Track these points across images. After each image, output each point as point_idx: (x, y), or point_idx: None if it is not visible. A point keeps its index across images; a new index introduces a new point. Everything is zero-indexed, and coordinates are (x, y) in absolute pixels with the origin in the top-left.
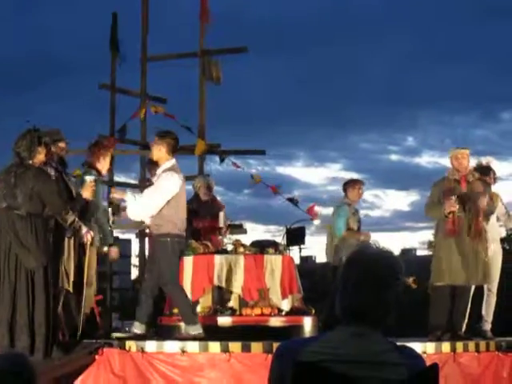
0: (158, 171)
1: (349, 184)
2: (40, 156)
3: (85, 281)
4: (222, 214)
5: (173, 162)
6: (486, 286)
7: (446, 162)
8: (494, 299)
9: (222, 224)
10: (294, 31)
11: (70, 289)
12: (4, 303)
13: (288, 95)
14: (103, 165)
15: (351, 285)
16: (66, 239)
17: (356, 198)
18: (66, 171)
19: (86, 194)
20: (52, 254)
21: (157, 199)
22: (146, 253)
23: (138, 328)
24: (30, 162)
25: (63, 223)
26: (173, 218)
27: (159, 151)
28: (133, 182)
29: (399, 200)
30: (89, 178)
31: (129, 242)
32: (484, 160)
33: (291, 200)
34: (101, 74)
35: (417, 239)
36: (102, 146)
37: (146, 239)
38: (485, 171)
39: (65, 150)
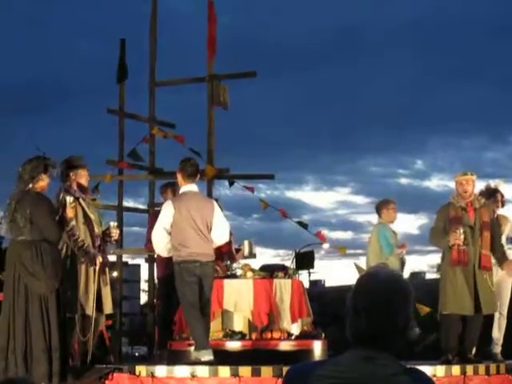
0: None
1: (382, 205)
2: (42, 183)
3: (93, 305)
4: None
5: (185, 188)
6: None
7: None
8: (504, 322)
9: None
10: (301, 56)
11: (92, 313)
12: (18, 333)
13: (297, 119)
14: (79, 183)
15: (361, 309)
16: (84, 265)
17: (391, 218)
18: (84, 197)
19: (69, 214)
20: (68, 279)
21: (154, 230)
22: (155, 277)
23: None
24: (31, 186)
25: (73, 247)
26: (175, 245)
27: (178, 178)
28: (141, 206)
29: (408, 223)
30: (68, 199)
31: (138, 266)
32: (493, 183)
33: (300, 223)
34: (109, 99)
35: (426, 262)
36: (68, 166)
37: (155, 264)
38: (492, 194)
39: (85, 176)
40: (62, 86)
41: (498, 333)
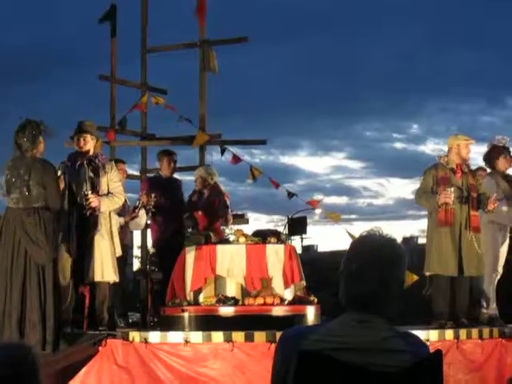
0: None
1: (493, 153)
2: (41, 146)
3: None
4: (223, 201)
5: None
6: (491, 268)
7: None
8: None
9: (220, 212)
10: (296, 19)
11: (109, 279)
12: (14, 298)
13: (291, 84)
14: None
15: (354, 272)
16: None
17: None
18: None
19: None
20: (77, 247)
21: None
22: (149, 244)
23: None
24: (35, 152)
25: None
26: None
27: None
28: (135, 173)
29: (403, 188)
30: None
31: (131, 233)
32: (502, 140)
33: (289, 193)
34: (100, 65)
35: (418, 227)
36: None
37: (148, 230)
38: (502, 151)
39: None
40: (52, 52)
41: (493, 292)
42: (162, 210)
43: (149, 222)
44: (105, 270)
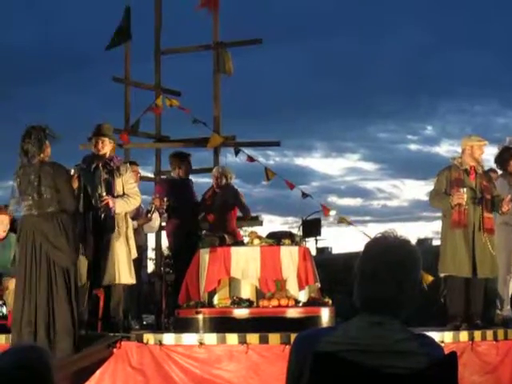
0: None
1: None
2: (48, 151)
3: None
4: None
5: None
6: (505, 270)
7: None
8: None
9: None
10: (311, 20)
11: (125, 281)
12: (40, 307)
13: (304, 85)
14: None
15: (369, 273)
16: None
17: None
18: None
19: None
20: (93, 249)
21: None
22: (163, 246)
23: None
24: (42, 156)
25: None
26: None
27: None
28: (149, 175)
29: (418, 190)
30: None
31: (145, 235)
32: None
33: (303, 193)
34: (114, 67)
35: (432, 228)
36: None
37: (163, 232)
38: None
39: (103, 145)
40: (65, 53)
41: (508, 294)
42: (176, 212)
43: (163, 223)
44: (121, 272)
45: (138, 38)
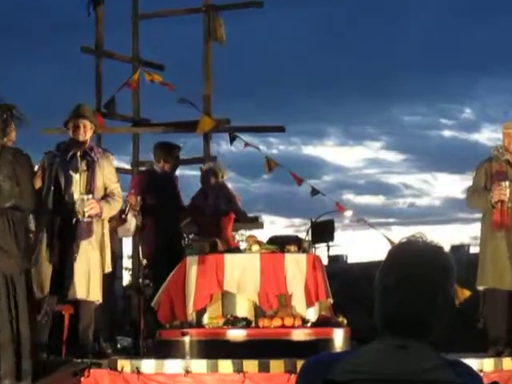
0: None
1: None
2: (13, 134)
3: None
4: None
5: None
6: None
7: None
8: None
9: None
10: None
11: (96, 298)
12: None
13: (316, 59)
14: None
15: (392, 287)
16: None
17: None
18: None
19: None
20: (59, 256)
21: None
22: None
23: None
24: (5, 140)
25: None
26: None
27: None
28: (125, 166)
29: (452, 185)
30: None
31: (120, 240)
32: None
33: (313, 190)
34: (83, 35)
35: (469, 233)
36: None
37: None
38: None
39: (86, 129)
40: (25, 16)
41: None
42: (156, 212)
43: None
44: (91, 286)
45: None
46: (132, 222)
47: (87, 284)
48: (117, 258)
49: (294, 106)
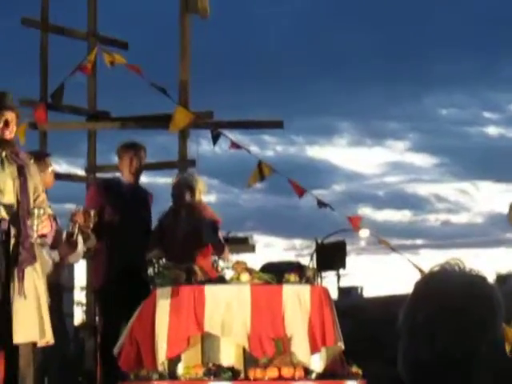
0: None
1: None
2: None
3: None
4: (207, 225)
5: None
6: None
7: None
8: None
9: (208, 238)
10: None
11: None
12: None
13: (322, 36)
14: None
15: (420, 329)
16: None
17: None
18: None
19: None
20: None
21: None
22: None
23: None
24: None
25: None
26: None
27: None
28: (78, 172)
29: (499, 197)
30: None
31: (71, 267)
32: None
33: (320, 202)
34: (24, 4)
35: None
36: None
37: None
38: None
39: (13, 124)
40: None
41: None
42: (114, 234)
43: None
44: (45, 324)
45: None
46: (79, 244)
47: (40, 322)
48: (63, 290)
49: (296, 95)
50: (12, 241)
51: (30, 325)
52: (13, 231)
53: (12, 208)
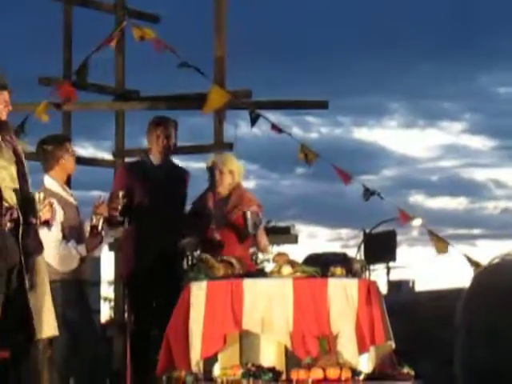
0: None
1: None
2: None
3: None
4: (249, 214)
5: None
6: None
7: None
8: None
9: (250, 229)
10: None
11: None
12: None
13: (371, 8)
14: None
15: (480, 328)
16: None
17: None
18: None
19: None
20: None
21: None
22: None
23: None
24: None
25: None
26: None
27: None
28: (106, 156)
29: None
30: None
31: (97, 260)
32: None
33: (367, 191)
34: None
35: None
36: None
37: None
38: None
39: (4, 104)
40: None
41: None
42: (144, 219)
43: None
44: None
45: None
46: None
47: (53, 315)
48: (88, 284)
49: (341, 72)
50: (20, 229)
51: (50, 319)
52: (21, 219)
53: (18, 194)
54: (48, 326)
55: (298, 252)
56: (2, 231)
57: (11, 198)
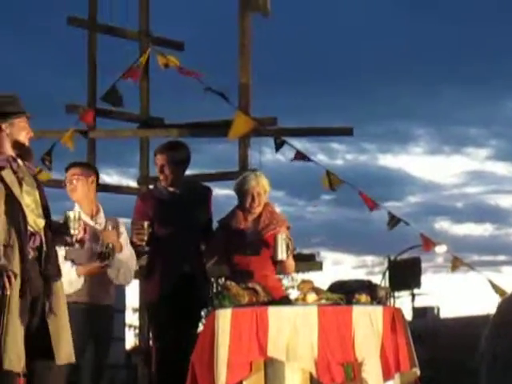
0: None
1: None
2: None
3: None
4: (279, 238)
5: None
6: None
7: None
8: None
9: (280, 255)
10: None
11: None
12: None
13: (396, 31)
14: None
15: (505, 355)
16: None
17: None
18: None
19: None
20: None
21: None
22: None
23: None
24: None
25: None
26: None
27: None
28: (131, 183)
29: None
30: None
31: (121, 289)
32: None
33: (393, 218)
34: (71, 2)
35: None
36: None
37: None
38: None
39: (26, 130)
40: None
41: None
42: (164, 246)
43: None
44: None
45: None
46: (132, 259)
47: (70, 341)
48: (112, 311)
49: (366, 99)
50: (43, 254)
51: (69, 345)
52: (44, 246)
53: (42, 219)
54: (65, 352)
55: (322, 279)
56: (28, 260)
57: (35, 224)
